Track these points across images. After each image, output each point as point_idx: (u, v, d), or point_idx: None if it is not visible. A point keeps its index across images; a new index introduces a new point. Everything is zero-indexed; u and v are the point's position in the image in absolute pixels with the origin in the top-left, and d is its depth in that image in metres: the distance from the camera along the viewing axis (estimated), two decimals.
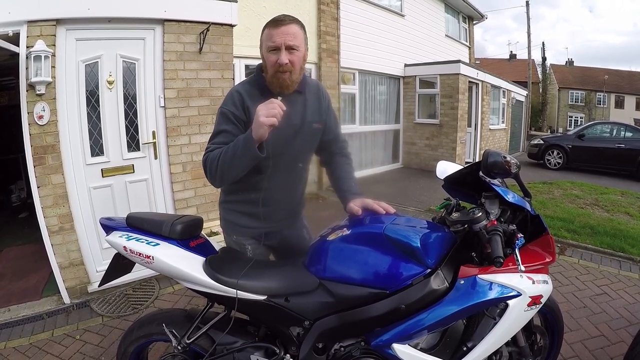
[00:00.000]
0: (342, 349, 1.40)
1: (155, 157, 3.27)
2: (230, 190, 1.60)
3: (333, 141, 1.69)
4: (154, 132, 3.23)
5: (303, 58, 1.44)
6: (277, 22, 1.38)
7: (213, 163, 1.37)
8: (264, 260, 1.64)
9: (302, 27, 1.44)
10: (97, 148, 3.00)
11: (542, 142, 10.17)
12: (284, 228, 1.66)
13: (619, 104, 28.68)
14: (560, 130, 26.33)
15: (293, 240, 1.69)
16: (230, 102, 1.45)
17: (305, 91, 1.54)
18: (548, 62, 31.82)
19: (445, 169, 1.60)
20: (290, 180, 1.59)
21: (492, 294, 1.29)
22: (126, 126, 3.11)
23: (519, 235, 1.27)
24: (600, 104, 29.06)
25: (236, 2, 3.51)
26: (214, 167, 1.36)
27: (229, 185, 1.57)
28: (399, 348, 1.29)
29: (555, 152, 9.72)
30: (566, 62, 33.56)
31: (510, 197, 1.34)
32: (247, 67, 5.37)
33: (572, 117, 30.07)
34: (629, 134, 9.11)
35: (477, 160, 9.49)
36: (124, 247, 1.42)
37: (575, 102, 30.35)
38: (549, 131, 25.15)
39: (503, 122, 11.49)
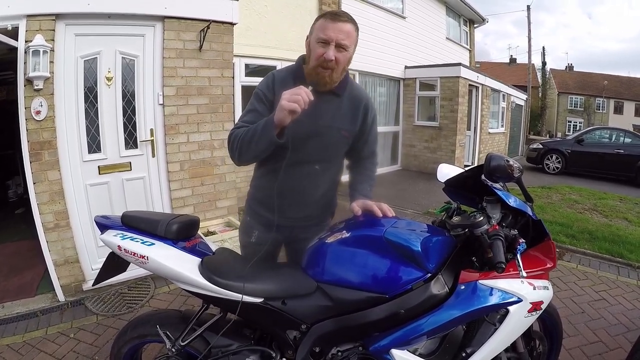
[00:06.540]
0: (340, 353, 1.37)
1: (153, 155, 3.24)
2: (257, 175, 1.64)
3: (369, 156, 1.70)
4: (152, 130, 3.20)
5: (349, 59, 1.42)
6: (335, 17, 1.36)
7: (235, 140, 1.40)
8: (261, 262, 1.61)
9: (357, 28, 1.42)
10: (94, 145, 2.97)
11: (541, 146, 10.20)
12: (296, 227, 1.61)
13: (618, 110, 28.77)
14: (559, 135, 26.41)
15: (301, 244, 1.58)
16: (264, 83, 1.48)
17: (343, 95, 1.50)
18: (548, 67, 32.02)
19: (447, 172, 1.58)
20: (304, 179, 1.53)
21: (493, 300, 1.28)
22: (124, 123, 3.08)
23: (520, 241, 1.26)
24: (599, 109, 29.16)
25: (237, 0, 3.49)
26: (236, 144, 1.40)
27: (258, 169, 1.63)
28: (397, 353, 1.27)
29: (554, 157, 9.74)
30: (566, 67, 33.74)
31: (512, 202, 1.33)
32: (247, 66, 5.33)
33: (571, 122, 30.16)
34: (627, 140, 9.15)
35: (476, 163, 9.52)
36: (119, 246, 1.39)
37: (575, 107, 30.45)
38: (548, 136, 25.19)
39: (502, 125, 11.51)
